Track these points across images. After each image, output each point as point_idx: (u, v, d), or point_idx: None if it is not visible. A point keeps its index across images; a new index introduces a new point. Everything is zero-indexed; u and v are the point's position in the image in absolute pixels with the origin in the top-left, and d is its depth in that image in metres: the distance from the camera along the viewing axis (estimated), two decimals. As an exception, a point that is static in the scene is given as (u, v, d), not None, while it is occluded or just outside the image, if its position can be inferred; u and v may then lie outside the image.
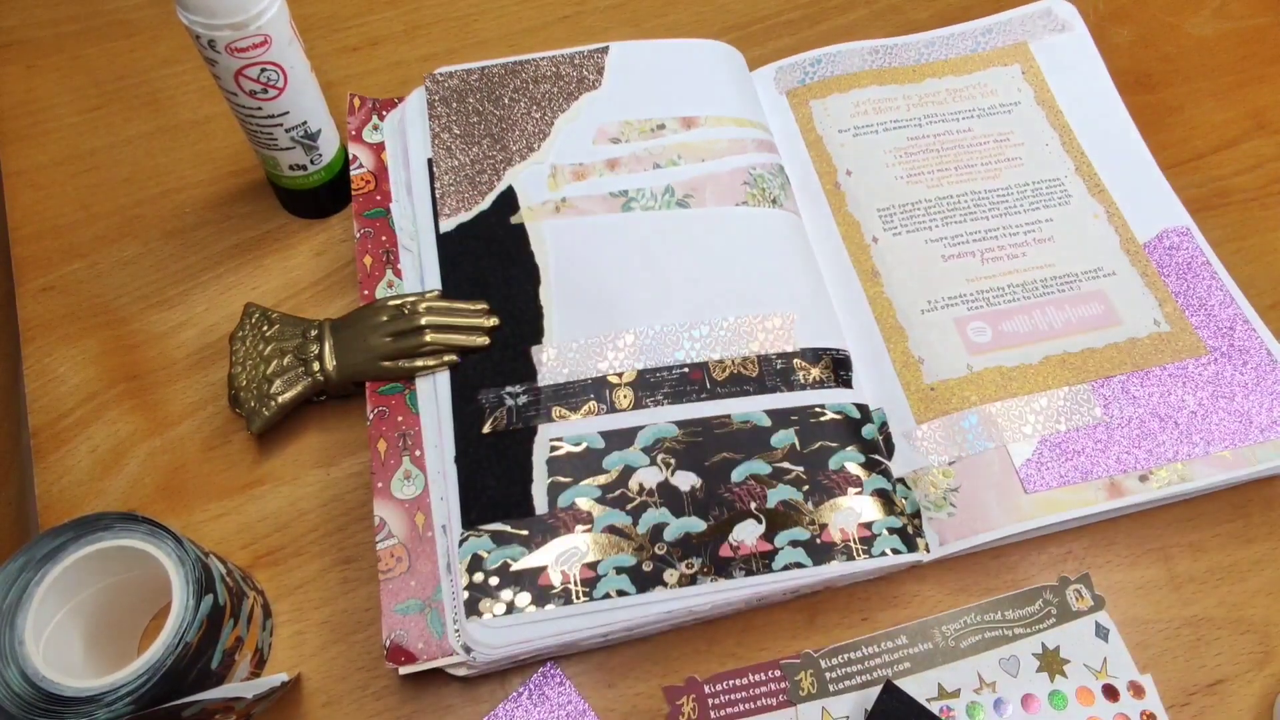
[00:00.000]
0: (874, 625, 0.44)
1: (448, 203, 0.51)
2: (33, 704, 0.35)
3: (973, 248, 0.52)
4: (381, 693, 0.43)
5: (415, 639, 0.41)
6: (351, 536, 0.46)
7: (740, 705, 0.42)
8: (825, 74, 0.58)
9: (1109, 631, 0.44)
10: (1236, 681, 0.43)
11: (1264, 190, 0.57)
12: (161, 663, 0.36)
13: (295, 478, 0.48)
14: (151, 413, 0.49)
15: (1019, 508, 0.45)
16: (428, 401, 0.47)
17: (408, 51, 0.62)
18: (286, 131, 0.49)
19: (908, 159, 0.55)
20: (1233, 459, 0.46)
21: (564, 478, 0.44)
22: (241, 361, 0.48)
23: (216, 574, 0.39)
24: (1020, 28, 0.61)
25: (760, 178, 0.52)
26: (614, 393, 0.46)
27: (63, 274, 0.54)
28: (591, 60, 0.56)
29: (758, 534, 0.43)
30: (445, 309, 0.48)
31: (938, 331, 0.50)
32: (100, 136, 0.59)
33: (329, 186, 0.54)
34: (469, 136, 0.53)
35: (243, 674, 0.41)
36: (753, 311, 0.48)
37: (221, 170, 0.57)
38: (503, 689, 0.43)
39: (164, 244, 0.55)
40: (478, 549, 0.42)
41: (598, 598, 0.41)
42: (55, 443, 0.49)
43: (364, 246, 0.51)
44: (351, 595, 0.45)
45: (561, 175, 0.52)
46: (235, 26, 0.43)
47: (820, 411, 0.46)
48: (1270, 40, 0.63)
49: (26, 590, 0.37)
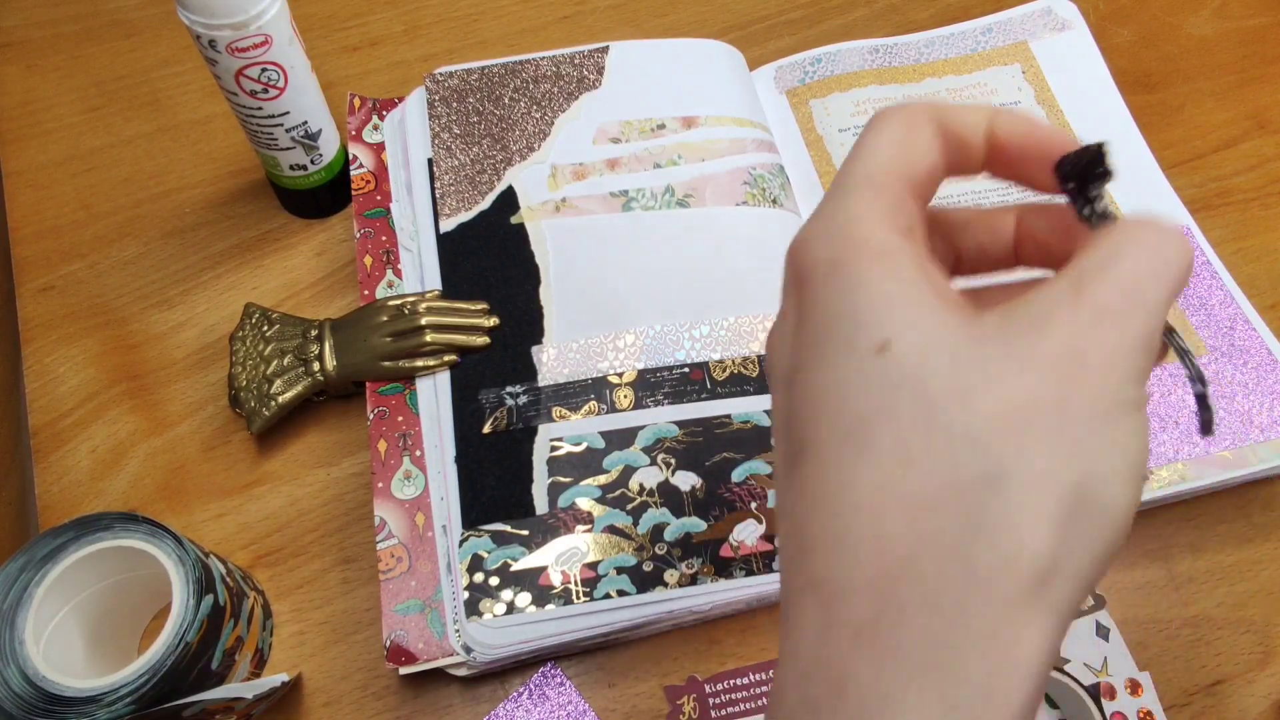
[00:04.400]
0: (874, 625, 0.44)
1: (448, 202, 0.51)
2: (33, 704, 0.35)
3: (973, 247, 0.52)
4: (382, 693, 0.43)
5: (415, 639, 0.41)
6: (351, 536, 0.46)
7: (741, 705, 0.42)
8: (825, 73, 0.58)
9: (1109, 631, 0.44)
10: (1236, 681, 0.43)
11: (1264, 190, 0.57)
12: (162, 663, 0.36)
13: (295, 478, 0.48)
14: (151, 413, 0.49)
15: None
16: (428, 401, 0.47)
17: (408, 51, 0.62)
18: (287, 131, 0.49)
19: (908, 159, 0.55)
20: (1233, 459, 0.46)
21: (564, 478, 0.44)
22: (241, 361, 0.48)
23: (217, 574, 0.39)
24: (1020, 27, 0.60)
25: (760, 178, 0.52)
26: (614, 393, 0.46)
27: (63, 274, 0.54)
28: (591, 60, 0.56)
29: (758, 534, 0.43)
30: (445, 309, 0.48)
31: (938, 331, 0.50)
32: (100, 136, 0.59)
33: (329, 186, 0.54)
34: (469, 136, 0.53)
35: (243, 674, 0.41)
36: (753, 311, 0.48)
37: (221, 170, 0.57)
38: (503, 689, 0.43)
39: (164, 244, 0.55)
40: (478, 549, 0.42)
41: (598, 598, 0.41)
42: (55, 443, 0.49)
43: (364, 246, 0.51)
44: (351, 595, 0.45)
45: (561, 175, 0.52)
46: (236, 26, 0.43)
47: (820, 411, 0.46)
48: (1270, 40, 0.63)
49: (27, 590, 0.37)
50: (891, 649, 0.20)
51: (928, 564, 0.20)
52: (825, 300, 0.22)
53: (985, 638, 0.19)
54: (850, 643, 0.20)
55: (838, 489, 0.21)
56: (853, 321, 0.21)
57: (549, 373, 0.47)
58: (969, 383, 0.20)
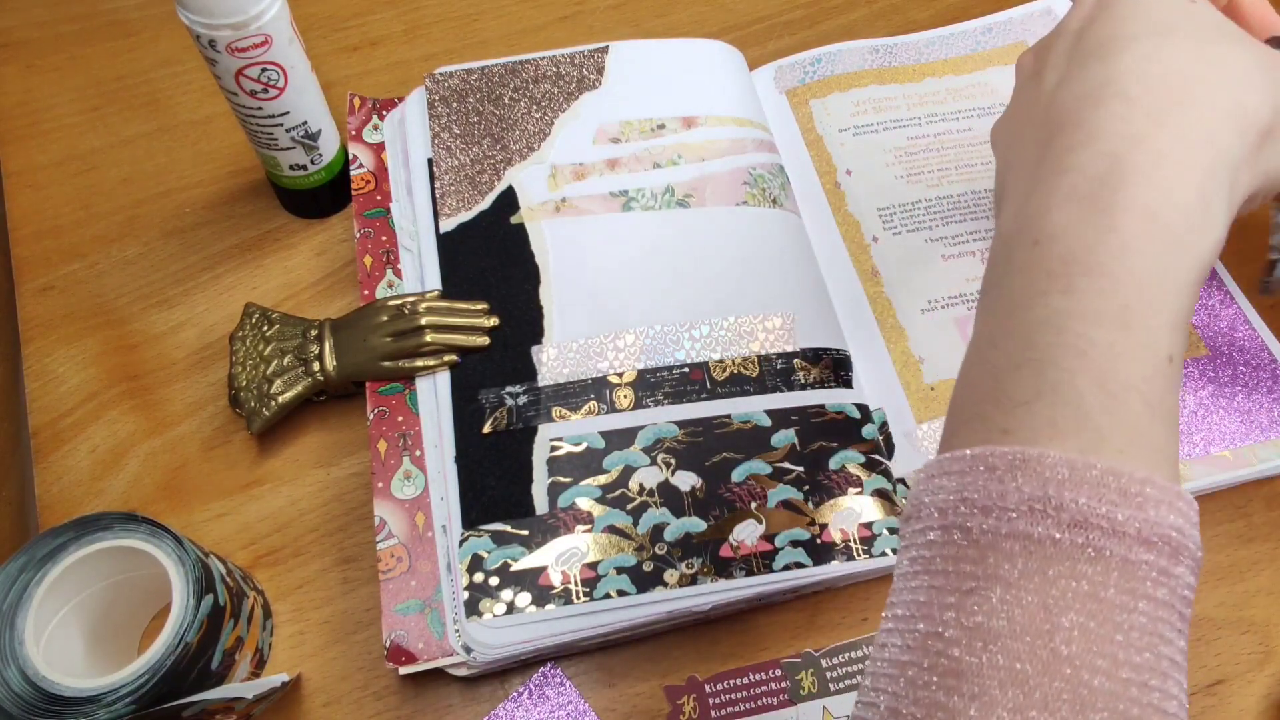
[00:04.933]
0: (875, 625, 0.44)
1: (448, 202, 0.51)
2: (33, 704, 0.35)
3: (973, 247, 0.52)
4: (382, 693, 0.43)
5: (415, 639, 0.41)
6: (352, 536, 0.46)
7: (741, 705, 0.42)
8: (825, 73, 0.58)
9: (1109, 631, 0.44)
10: (1236, 681, 0.43)
11: (1264, 190, 0.57)
12: (162, 663, 0.36)
13: (295, 478, 0.48)
14: (151, 413, 0.49)
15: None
16: (428, 401, 0.47)
17: (408, 51, 0.62)
18: (287, 131, 0.49)
19: (908, 158, 0.55)
20: (1233, 459, 0.46)
21: (564, 478, 0.44)
22: (241, 361, 0.48)
23: (216, 574, 0.39)
24: (1020, 27, 0.60)
25: (760, 178, 0.52)
26: (614, 393, 0.46)
27: (63, 274, 0.54)
28: (591, 60, 0.56)
29: (758, 534, 0.43)
30: (445, 309, 0.48)
31: (938, 331, 0.50)
32: (100, 136, 0.59)
33: (329, 186, 0.54)
34: (469, 136, 0.53)
35: (243, 674, 0.41)
36: (753, 311, 0.48)
37: (221, 170, 0.57)
38: (503, 689, 0.43)
39: (164, 244, 0.55)
40: (478, 549, 0.42)
41: (598, 598, 0.41)
42: (55, 443, 0.49)
43: (364, 246, 0.51)
44: (352, 595, 0.45)
45: (561, 175, 0.52)
46: (236, 26, 0.43)
47: (820, 411, 0.46)
48: (1270, 40, 0.63)
49: (27, 590, 0.37)
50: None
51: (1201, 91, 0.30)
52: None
53: (1228, 115, 0.30)
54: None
55: (1144, 62, 0.31)
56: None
57: (549, 373, 0.47)
58: (1244, 35, 0.33)
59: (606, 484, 0.44)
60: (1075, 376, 0.26)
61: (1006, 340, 0.28)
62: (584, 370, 0.47)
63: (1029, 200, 0.30)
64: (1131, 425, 0.26)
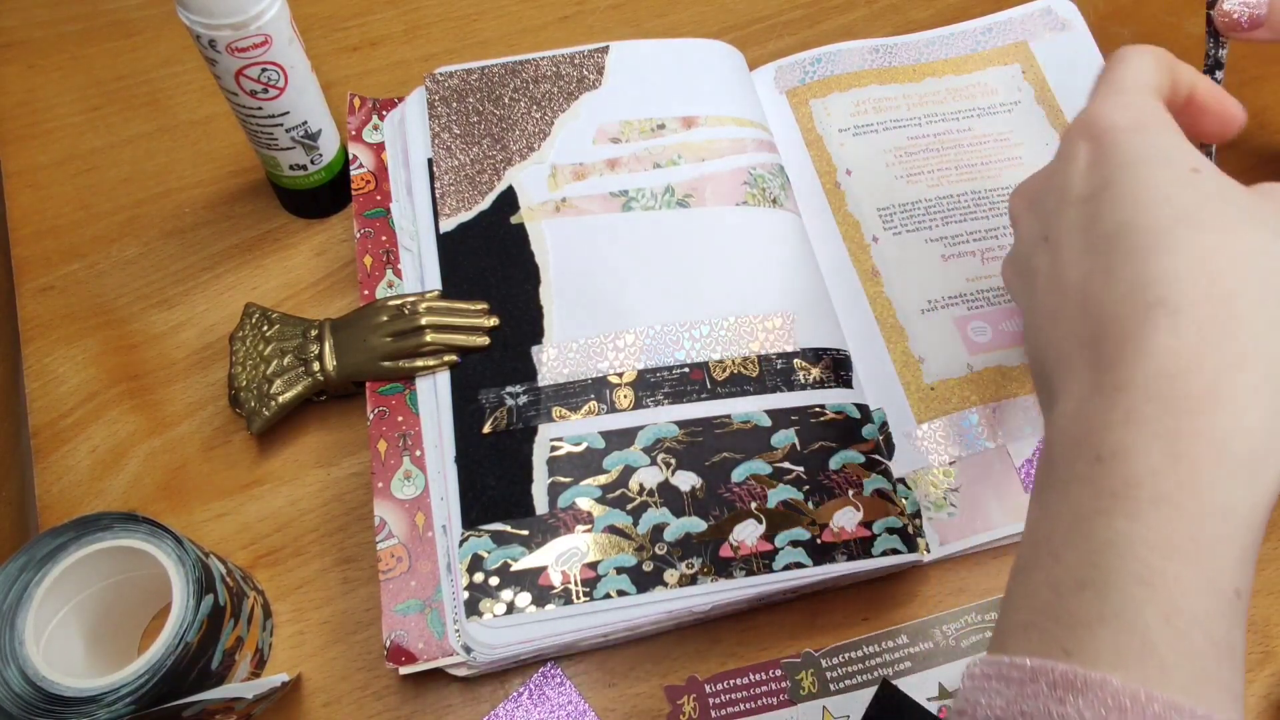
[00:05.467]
0: (874, 625, 0.44)
1: (448, 202, 0.51)
2: (33, 704, 0.35)
3: (973, 247, 0.52)
4: (382, 693, 0.43)
5: (415, 639, 0.41)
6: (351, 536, 0.46)
7: (741, 704, 0.42)
8: (825, 73, 0.58)
9: (1109, 631, 0.44)
10: (1237, 681, 0.43)
11: (1264, 190, 0.57)
12: (162, 663, 0.36)
13: (295, 478, 0.48)
14: (151, 413, 0.49)
15: (1019, 508, 0.45)
16: (428, 401, 0.47)
17: (408, 51, 0.62)
18: (287, 131, 0.49)
19: (908, 158, 0.55)
20: (1233, 459, 0.46)
21: (564, 478, 0.44)
22: (241, 361, 0.48)
23: (217, 574, 0.39)
24: (1020, 27, 0.60)
25: (760, 177, 0.52)
26: (614, 393, 0.46)
27: (63, 274, 0.54)
28: (591, 60, 0.56)
29: (758, 534, 0.43)
30: (445, 309, 0.48)
31: (938, 331, 0.50)
32: (100, 136, 0.59)
33: (329, 186, 0.54)
34: (469, 136, 0.53)
35: (243, 674, 0.41)
36: (753, 311, 0.48)
37: (221, 170, 0.57)
38: (503, 689, 0.43)
39: (164, 244, 0.55)
40: (478, 549, 0.42)
41: (598, 598, 0.41)
42: (55, 443, 0.49)
43: (364, 246, 0.51)
44: (351, 595, 0.45)
45: (561, 175, 0.52)
46: (236, 26, 0.43)
47: (820, 411, 0.46)
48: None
49: (27, 590, 0.37)
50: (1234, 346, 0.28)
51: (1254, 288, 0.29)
52: (1135, 144, 0.32)
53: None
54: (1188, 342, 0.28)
55: (1181, 267, 0.29)
56: (1167, 153, 0.32)
57: (549, 373, 0.47)
58: (1258, 203, 0.31)
59: (606, 484, 0.44)
60: (1141, 606, 0.26)
61: (1069, 553, 0.28)
62: (584, 370, 0.47)
63: (1085, 407, 0.29)
64: (1195, 661, 0.25)
